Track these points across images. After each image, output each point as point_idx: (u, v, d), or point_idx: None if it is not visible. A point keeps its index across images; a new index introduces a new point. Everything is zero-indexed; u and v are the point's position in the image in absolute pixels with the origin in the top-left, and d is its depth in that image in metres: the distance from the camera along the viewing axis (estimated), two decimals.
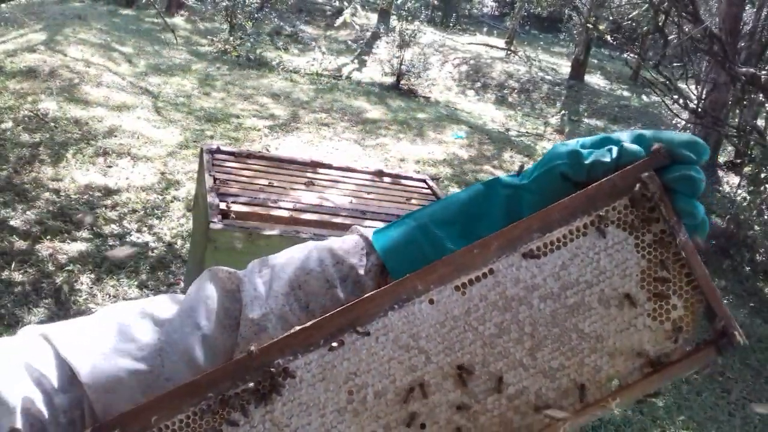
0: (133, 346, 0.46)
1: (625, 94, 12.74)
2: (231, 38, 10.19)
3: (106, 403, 0.45)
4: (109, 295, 3.57)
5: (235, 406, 0.45)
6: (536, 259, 0.47)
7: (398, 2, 12.68)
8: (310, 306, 0.48)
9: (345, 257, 0.49)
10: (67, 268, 3.74)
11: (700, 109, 6.96)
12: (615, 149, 0.49)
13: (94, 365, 0.45)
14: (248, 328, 0.47)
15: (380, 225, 0.54)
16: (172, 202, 4.82)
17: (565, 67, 13.39)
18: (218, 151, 2.74)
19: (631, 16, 12.50)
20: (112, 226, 4.30)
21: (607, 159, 0.48)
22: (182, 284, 3.66)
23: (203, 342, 0.47)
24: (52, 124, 5.78)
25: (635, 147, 0.49)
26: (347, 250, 0.50)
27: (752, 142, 6.78)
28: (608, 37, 8.70)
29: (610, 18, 12.36)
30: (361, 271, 0.49)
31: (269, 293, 0.48)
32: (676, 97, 6.80)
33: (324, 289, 0.48)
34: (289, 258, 0.50)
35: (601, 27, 9.64)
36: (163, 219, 4.54)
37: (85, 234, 4.14)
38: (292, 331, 0.46)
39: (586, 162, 0.48)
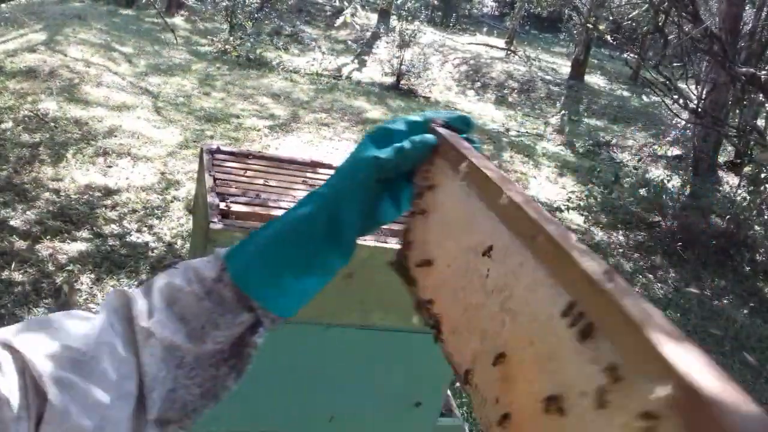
0: (64, 329, 0.53)
1: (625, 94, 12.74)
2: (231, 38, 10.19)
3: (40, 363, 0.50)
4: None
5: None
6: None
7: (398, 2, 12.69)
8: (185, 317, 0.56)
9: (206, 274, 0.57)
10: (67, 268, 3.74)
11: (700, 109, 6.96)
12: (407, 141, 0.59)
13: (30, 339, 0.51)
14: (140, 333, 0.55)
15: None
16: (172, 202, 4.82)
17: (565, 67, 13.40)
18: (218, 151, 2.73)
19: (631, 16, 12.50)
20: (112, 226, 4.30)
21: (409, 146, 0.58)
22: None
23: (117, 335, 0.55)
24: (52, 124, 5.78)
25: (429, 115, 0.61)
26: (208, 268, 0.57)
27: (752, 142, 6.78)
28: (608, 37, 8.70)
29: (610, 18, 12.36)
30: (221, 285, 0.56)
31: (152, 308, 0.56)
32: (676, 97, 6.80)
33: (194, 301, 0.56)
34: (162, 278, 0.58)
35: (601, 27, 9.63)
36: (163, 219, 4.54)
37: (85, 234, 4.14)
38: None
39: (395, 161, 0.58)
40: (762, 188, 6.22)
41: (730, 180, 8.12)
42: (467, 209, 0.56)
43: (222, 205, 2.29)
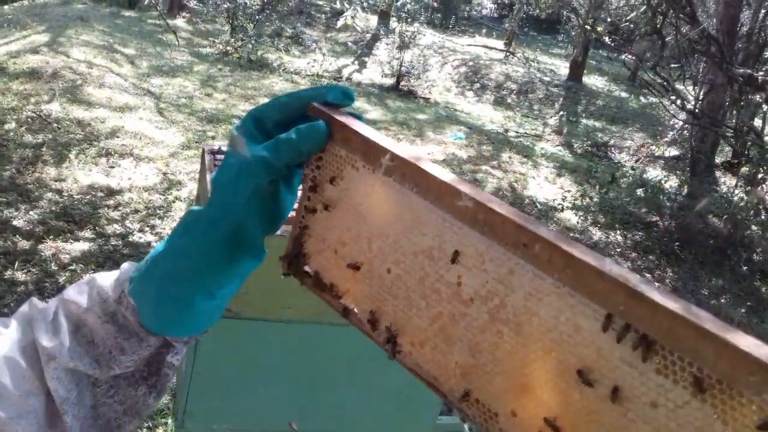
0: None
1: (623, 95, 12.79)
2: (232, 40, 10.24)
3: None
4: None
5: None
6: None
7: (398, 4, 12.74)
8: (93, 340, 0.53)
9: (109, 294, 0.54)
10: (69, 267, 3.78)
11: (697, 110, 7.01)
12: (293, 131, 0.52)
13: None
14: (42, 353, 0.52)
15: None
16: (174, 202, 4.86)
17: (563, 69, 13.44)
18: (220, 151, 2.78)
19: (628, 17, 12.54)
20: (115, 225, 4.35)
21: (296, 138, 0.52)
22: None
23: (22, 350, 0.53)
24: (55, 124, 5.83)
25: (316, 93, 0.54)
26: (111, 288, 0.54)
27: (749, 143, 6.83)
28: (606, 39, 8.75)
29: (608, 19, 12.41)
30: (122, 308, 0.53)
31: (57, 328, 0.53)
32: (673, 98, 6.85)
33: (98, 324, 0.53)
34: (69, 294, 0.56)
35: (599, 28, 9.68)
36: (165, 219, 4.58)
37: (87, 234, 4.19)
38: None
39: (285, 159, 0.51)
40: (759, 188, 6.26)
41: (727, 180, 8.16)
42: (403, 208, 0.49)
43: None
